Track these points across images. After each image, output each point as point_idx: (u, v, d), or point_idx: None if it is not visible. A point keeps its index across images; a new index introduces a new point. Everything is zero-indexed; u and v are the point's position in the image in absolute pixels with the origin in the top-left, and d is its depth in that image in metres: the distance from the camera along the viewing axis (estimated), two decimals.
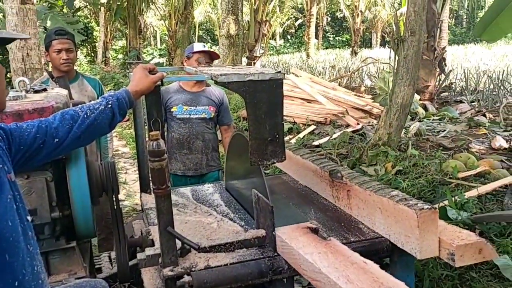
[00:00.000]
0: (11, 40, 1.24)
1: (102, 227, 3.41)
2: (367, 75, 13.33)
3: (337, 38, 40.63)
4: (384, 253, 2.08)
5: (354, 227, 2.19)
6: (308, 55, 24.40)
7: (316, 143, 6.57)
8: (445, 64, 9.54)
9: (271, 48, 35.16)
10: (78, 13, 20.50)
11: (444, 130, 6.72)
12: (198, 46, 3.49)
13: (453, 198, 3.49)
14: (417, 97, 8.05)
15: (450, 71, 10.24)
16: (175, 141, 3.47)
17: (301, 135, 7.19)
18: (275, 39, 37.96)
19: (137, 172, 2.70)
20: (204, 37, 34.49)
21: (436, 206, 3.26)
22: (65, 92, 2.24)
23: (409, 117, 6.42)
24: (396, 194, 2.00)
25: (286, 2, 28.33)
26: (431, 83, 9.01)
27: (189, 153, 3.48)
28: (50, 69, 3.49)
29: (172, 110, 3.47)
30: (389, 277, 1.55)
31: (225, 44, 10.67)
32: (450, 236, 1.86)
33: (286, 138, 6.96)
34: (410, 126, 6.67)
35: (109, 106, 1.69)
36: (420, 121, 7.46)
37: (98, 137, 1.76)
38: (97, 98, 3.38)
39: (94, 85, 3.58)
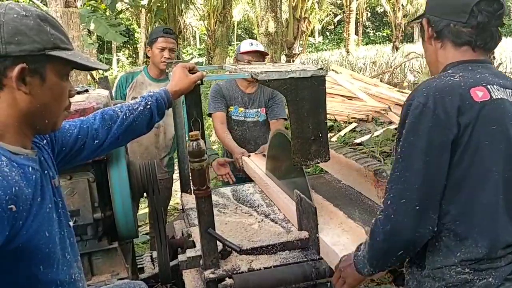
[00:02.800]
0: (90, 68, 1.22)
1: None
2: (409, 70, 12.97)
3: (377, 33, 39.85)
4: None
5: None
6: (348, 52, 24.02)
7: (358, 141, 6.43)
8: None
9: (310, 45, 34.88)
10: (120, 16, 21.00)
11: None
12: (245, 46, 3.31)
13: None
14: None
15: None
16: None
17: (342, 133, 7.06)
18: (314, 36, 37.61)
19: (178, 171, 2.69)
20: (243, 35, 34.61)
21: None
22: (106, 93, 2.25)
23: None
24: None
25: None
26: None
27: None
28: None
29: (229, 109, 3.38)
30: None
31: (264, 42, 10.61)
32: None
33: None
34: None
35: (148, 106, 1.67)
36: None
37: (136, 137, 1.74)
38: None
39: None
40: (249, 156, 3.17)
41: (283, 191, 2.39)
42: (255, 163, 2.98)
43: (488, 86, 1.31)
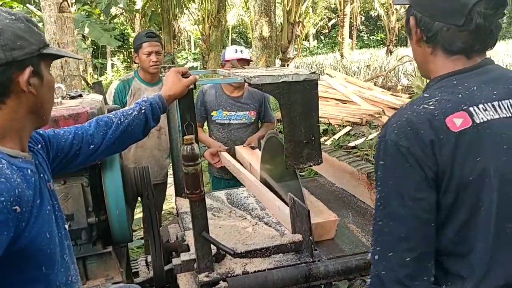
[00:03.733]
0: (60, 57, 1.25)
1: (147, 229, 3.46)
2: (403, 74, 13.03)
3: (371, 37, 40.00)
4: None
5: None
6: (342, 55, 24.09)
7: (352, 144, 6.46)
8: None
9: (304, 49, 34.96)
10: (115, 20, 20.99)
11: None
12: (229, 53, 3.43)
13: None
14: None
15: None
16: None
17: (336, 136, 7.09)
18: (308, 40, 37.71)
19: (172, 175, 2.70)
20: (237, 40, 34.67)
21: None
22: (100, 97, 2.25)
23: None
24: None
25: (319, 2, 28.14)
26: None
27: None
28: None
29: (212, 114, 3.48)
30: None
31: (258, 46, 10.67)
32: None
33: (321, 140, 6.88)
34: None
35: (143, 111, 1.68)
36: None
37: (132, 143, 1.75)
38: None
39: None
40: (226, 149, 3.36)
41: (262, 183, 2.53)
42: (244, 154, 3.12)
43: (471, 109, 1.11)
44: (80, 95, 2.19)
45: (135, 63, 3.53)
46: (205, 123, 3.65)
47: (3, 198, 0.94)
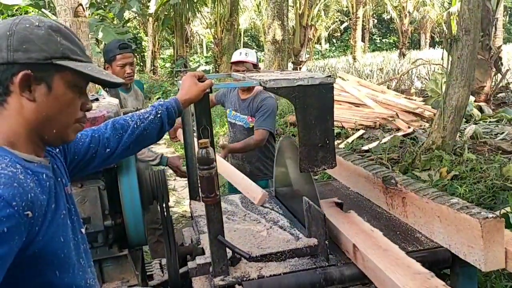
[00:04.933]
0: (104, 81, 1.20)
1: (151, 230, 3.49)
2: (417, 77, 12.95)
3: (384, 40, 39.83)
4: (444, 264, 1.97)
5: (411, 236, 2.08)
6: (354, 59, 24.02)
7: (365, 147, 6.42)
8: (501, 64, 9.13)
9: (317, 53, 34.92)
10: (128, 24, 21.17)
11: (503, 133, 6.40)
12: (235, 56, 3.47)
13: None
14: (472, 98, 7.72)
15: (507, 70, 9.76)
16: (228, 142, 3.59)
17: (349, 139, 7.05)
18: (320, 43, 37.67)
19: (186, 178, 2.71)
20: (250, 43, 34.74)
21: (498, 213, 3.08)
22: (116, 101, 2.27)
23: (463, 119, 6.16)
24: (456, 202, 1.89)
25: (331, 5, 28.07)
26: (487, 84, 8.64)
27: (231, 157, 3.56)
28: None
29: (227, 111, 3.62)
30: (387, 241, 1.88)
31: (271, 50, 10.68)
32: None
33: (335, 143, 6.86)
34: (465, 129, 6.40)
35: (158, 115, 1.68)
36: (475, 124, 7.14)
37: (146, 146, 1.76)
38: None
39: (139, 86, 3.80)
40: None
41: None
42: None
43: None
44: (97, 99, 2.21)
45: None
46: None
47: (15, 203, 0.95)
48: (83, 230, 1.27)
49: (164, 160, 3.41)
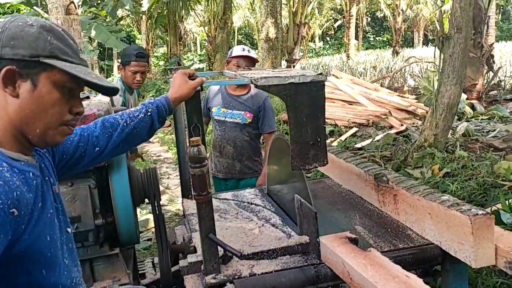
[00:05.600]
0: (94, 84, 1.19)
1: None
2: (410, 75, 12.99)
3: (377, 38, 39.92)
4: (435, 261, 1.98)
5: (402, 233, 2.09)
6: (348, 57, 24.06)
7: (358, 145, 6.44)
8: (493, 62, 9.18)
9: (310, 51, 34.92)
10: (121, 22, 21.07)
11: (494, 130, 6.44)
12: (237, 50, 3.45)
13: (507, 202, 3.31)
14: (464, 96, 7.76)
15: (499, 68, 9.82)
16: (211, 141, 3.56)
17: (342, 137, 7.07)
18: (314, 41, 37.69)
19: (179, 177, 2.70)
20: (243, 41, 34.68)
21: (488, 210, 3.10)
22: (107, 99, 2.26)
23: (456, 117, 6.19)
24: (447, 199, 1.90)
25: (325, 3, 28.12)
26: (479, 81, 8.69)
27: (220, 156, 3.52)
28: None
29: (212, 110, 3.51)
30: None
31: (264, 48, 10.67)
32: (507, 243, 1.74)
33: (328, 141, 6.87)
34: (457, 126, 6.44)
35: (149, 114, 1.68)
36: (467, 121, 7.19)
37: (137, 144, 1.75)
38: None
39: (137, 91, 3.97)
40: None
41: None
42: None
43: None
44: (88, 97, 2.20)
45: (119, 72, 3.72)
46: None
47: (0, 201, 0.95)
48: (69, 230, 1.27)
49: None
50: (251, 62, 3.36)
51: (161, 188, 4.78)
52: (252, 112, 3.43)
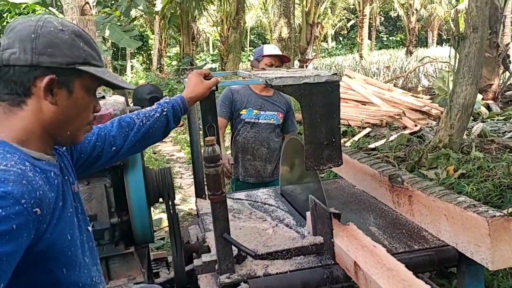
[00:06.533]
0: (117, 86, 1.25)
1: None
2: (424, 75, 12.88)
3: (391, 38, 39.67)
4: (451, 262, 1.96)
5: (417, 234, 2.07)
6: (361, 56, 23.94)
7: (372, 146, 6.40)
8: (509, 61, 9.06)
9: (323, 51, 34.83)
10: (134, 22, 21.21)
11: (511, 131, 6.35)
12: (269, 49, 3.37)
13: None
14: (479, 96, 7.67)
15: None
16: (239, 145, 3.40)
17: (356, 138, 7.04)
18: (327, 41, 37.59)
19: (192, 176, 2.70)
20: (256, 41, 34.71)
21: (505, 211, 3.06)
22: (122, 99, 2.28)
23: (471, 117, 6.12)
24: (463, 200, 1.88)
25: (338, 3, 28.00)
26: (495, 82, 8.58)
27: (252, 159, 3.41)
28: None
29: (241, 113, 3.38)
30: (392, 259, 1.67)
31: (277, 48, 10.65)
32: None
33: (341, 141, 6.85)
34: (472, 127, 6.36)
35: (164, 113, 1.68)
36: (483, 122, 7.10)
37: (152, 144, 1.76)
38: None
39: None
40: (232, 164, 3.26)
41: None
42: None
43: None
44: (103, 97, 2.21)
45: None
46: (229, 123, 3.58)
47: (24, 200, 0.95)
48: (89, 228, 1.28)
49: None
50: (280, 62, 3.32)
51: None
52: (283, 112, 3.41)
